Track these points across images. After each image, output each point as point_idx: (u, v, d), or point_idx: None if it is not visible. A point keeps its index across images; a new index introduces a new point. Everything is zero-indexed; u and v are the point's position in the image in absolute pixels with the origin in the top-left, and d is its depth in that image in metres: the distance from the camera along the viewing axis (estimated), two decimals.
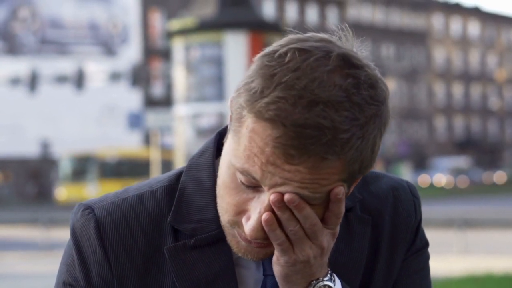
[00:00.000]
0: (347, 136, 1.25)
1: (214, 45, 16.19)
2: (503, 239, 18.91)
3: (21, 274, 14.91)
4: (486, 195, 45.68)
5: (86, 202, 1.49)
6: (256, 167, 1.28)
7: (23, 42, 54.98)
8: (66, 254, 1.48)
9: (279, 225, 1.31)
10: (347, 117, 1.25)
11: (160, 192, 1.48)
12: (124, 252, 1.43)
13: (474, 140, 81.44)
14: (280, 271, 1.35)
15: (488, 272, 12.37)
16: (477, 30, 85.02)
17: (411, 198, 1.56)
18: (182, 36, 16.61)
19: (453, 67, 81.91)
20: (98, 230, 1.44)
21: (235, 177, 1.33)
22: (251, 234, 1.32)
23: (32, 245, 20.76)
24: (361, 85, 1.27)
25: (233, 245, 1.39)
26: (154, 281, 1.44)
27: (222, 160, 1.38)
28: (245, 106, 1.29)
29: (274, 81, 1.27)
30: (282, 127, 1.25)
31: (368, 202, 1.47)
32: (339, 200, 1.31)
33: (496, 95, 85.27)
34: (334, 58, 1.28)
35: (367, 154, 1.29)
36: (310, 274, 1.35)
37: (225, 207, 1.37)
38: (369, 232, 1.49)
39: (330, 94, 1.25)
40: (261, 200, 1.31)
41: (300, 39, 1.32)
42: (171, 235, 1.44)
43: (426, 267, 1.57)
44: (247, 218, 1.33)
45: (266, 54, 1.32)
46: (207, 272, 1.42)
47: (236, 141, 1.31)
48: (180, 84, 16.85)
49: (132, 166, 41.86)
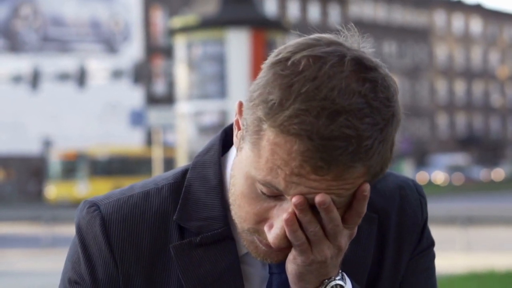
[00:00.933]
0: (370, 142, 1.26)
1: (216, 42, 16.20)
2: (505, 236, 18.91)
3: (22, 272, 14.92)
4: (481, 193, 45.57)
5: (92, 199, 1.49)
6: (279, 178, 1.28)
7: (24, 39, 54.99)
8: (72, 251, 1.48)
9: (300, 227, 1.31)
10: (369, 123, 1.26)
11: (166, 190, 1.47)
12: (130, 250, 1.43)
13: (476, 137, 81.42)
14: (295, 269, 1.35)
15: (490, 270, 12.37)
16: (479, 27, 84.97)
17: (418, 197, 1.56)
18: (184, 34, 16.62)
19: (455, 64, 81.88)
20: (104, 227, 1.44)
21: (254, 187, 1.33)
22: (275, 242, 1.32)
23: (34, 242, 20.78)
24: (377, 89, 1.28)
25: (251, 250, 1.39)
26: (160, 278, 1.43)
27: (237, 169, 1.37)
28: (264, 120, 1.28)
29: (292, 92, 1.26)
30: (308, 140, 1.24)
31: (375, 201, 1.47)
32: (365, 197, 1.31)
33: (498, 92, 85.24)
34: (348, 63, 1.28)
35: (387, 155, 1.31)
36: (324, 274, 1.36)
37: (244, 216, 1.36)
38: (375, 231, 1.49)
39: (350, 102, 1.25)
40: (283, 208, 1.31)
41: (310, 45, 1.31)
42: (176, 233, 1.44)
43: (432, 266, 1.57)
44: (270, 227, 1.33)
45: (277, 62, 1.30)
46: (213, 270, 1.42)
47: (256, 154, 1.30)
48: (182, 82, 16.86)
49: (123, 164, 41.30)
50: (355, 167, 1.26)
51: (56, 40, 55.73)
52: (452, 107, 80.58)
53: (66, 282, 1.47)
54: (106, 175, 40.14)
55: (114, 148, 43.19)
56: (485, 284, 10.99)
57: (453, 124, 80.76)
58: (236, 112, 1.40)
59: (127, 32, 57.99)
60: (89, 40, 56.87)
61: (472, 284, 10.88)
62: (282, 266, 1.41)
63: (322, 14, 68.69)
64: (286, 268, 1.37)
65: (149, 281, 1.43)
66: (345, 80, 1.26)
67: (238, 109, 1.38)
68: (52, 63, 49.86)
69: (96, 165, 40.80)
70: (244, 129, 1.33)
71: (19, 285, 13.06)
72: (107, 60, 54.18)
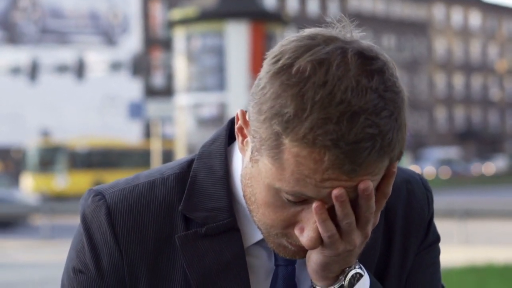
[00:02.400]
0: (391, 134, 1.27)
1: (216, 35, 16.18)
2: (504, 230, 18.93)
3: (22, 264, 14.92)
4: (467, 187, 45.28)
5: (97, 188, 1.48)
6: (310, 186, 1.27)
7: (23, 31, 54.92)
8: (76, 240, 1.47)
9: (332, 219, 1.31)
10: (386, 116, 1.26)
11: (172, 180, 1.47)
12: (135, 240, 1.43)
13: (475, 131, 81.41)
14: (320, 259, 1.35)
15: (488, 263, 12.39)
16: (478, 20, 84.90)
17: (424, 191, 1.56)
18: (184, 26, 16.60)
19: (454, 58, 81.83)
20: (109, 217, 1.43)
21: (279, 196, 1.32)
22: (310, 244, 1.32)
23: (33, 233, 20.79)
24: (385, 78, 1.28)
25: (279, 251, 1.38)
26: (165, 269, 1.43)
27: (255, 181, 1.35)
28: (283, 134, 1.26)
29: (306, 101, 1.25)
30: (336, 149, 1.24)
31: None
32: (393, 174, 1.32)
33: (497, 86, 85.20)
34: (352, 59, 1.27)
35: (404, 138, 1.32)
36: (348, 262, 1.36)
37: (271, 223, 1.35)
38: (382, 224, 1.49)
39: (366, 100, 1.25)
40: (311, 211, 1.31)
41: (308, 46, 1.29)
42: (182, 223, 1.43)
43: (437, 261, 1.57)
44: (301, 230, 1.33)
45: (280, 72, 1.28)
46: (218, 261, 1.41)
47: (279, 167, 1.28)
48: (181, 74, 16.85)
49: (104, 157, 39.95)
50: (383, 161, 1.28)
51: (55, 32, 55.67)
52: (450, 101, 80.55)
53: (70, 271, 1.47)
54: (86, 168, 38.73)
55: (94, 140, 41.71)
56: (483, 277, 11.01)
57: (451, 117, 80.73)
58: (237, 119, 1.38)
59: (126, 24, 57.92)
60: (88, 32, 56.80)
61: (470, 277, 10.89)
62: (289, 258, 1.41)
63: (321, 7, 68.59)
64: (308, 256, 1.37)
65: (153, 271, 1.43)
66: (354, 78, 1.26)
67: (241, 117, 1.37)
68: (51, 55, 49.80)
69: (76, 158, 39.31)
70: (257, 142, 1.31)
71: (19, 277, 13.05)
72: (105, 52, 54.13)
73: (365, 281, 1.39)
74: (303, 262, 1.43)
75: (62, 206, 21.75)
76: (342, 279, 1.37)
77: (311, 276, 1.39)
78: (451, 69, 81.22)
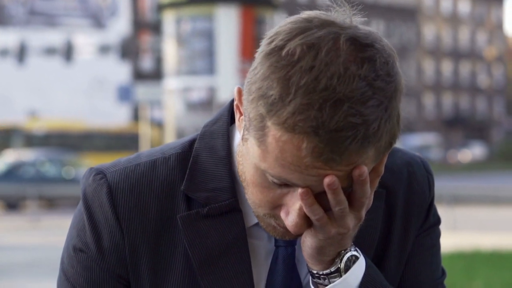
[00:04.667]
0: (377, 124, 1.24)
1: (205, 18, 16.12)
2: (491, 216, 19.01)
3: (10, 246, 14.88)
4: (444, 174, 45.11)
5: (98, 166, 1.47)
6: (295, 174, 1.26)
7: (11, 13, 54.59)
8: (77, 218, 1.47)
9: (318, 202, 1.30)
10: (373, 105, 1.24)
11: (173, 159, 1.46)
12: (137, 219, 1.42)
13: (463, 117, 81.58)
14: (315, 243, 1.34)
15: (475, 249, 12.44)
16: (467, 7, 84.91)
17: (425, 174, 1.56)
18: (173, 9, 16.54)
19: (443, 44, 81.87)
20: (110, 196, 1.43)
21: (265, 177, 1.31)
22: (294, 229, 1.31)
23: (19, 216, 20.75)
24: (377, 67, 1.25)
25: (269, 231, 1.38)
26: (166, 249, 1.43)
27: (244, 159, 1.35)
28: (267, 117, 1.25)
29: (291, 85, 1.23)
30: (315, 137, 1.22)
31: (383, 177, 1.44)
32: (383, 164, 1.32)
33: (485, 73, 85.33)
34: (343, 45, 1.25)
35: (395, 129, 1.29)
36: (343, 245, 1.36)
37: (259, 203, 1.35)
38: (382, 207, 1.49)
39: (352, 88, 1.23)
40: (296, 194, 1.30)
41: (302, 29, 1.27)
42: (184, 203, 1.43)
43: (437, 244, 1.57)
44: (286, 213, 1.32)
45: (271, 53, 1.27)
46: (220, 241, 1.41)
47: (264, 150, 1.28)
48: (171, 57, 16.80)
49: (63, 139, 37.87)
50: (366, 152, 1.25)
51: (43, 14, 55.36)
52: (439, 87, 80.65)
53: (70, 250, 1.46)
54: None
55: (52, 122, 39.71)
56: (471, 263, 11.06)
57: (439, 104, 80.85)
58: (235, 97, 1.38)
59: (114, 7, 57.65)
60: (76, 14, 56.50)
61: (457, 263, 10.93)
62: (289, 240, 1.41)
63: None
64: (303, 241, 1.36)
65: (154, 251, 1.42)
66: (343, 65, 1.23)
67: (237, 95, 1.36)
68: (39, 37, 49.58)
69: (32, 140, 37.25)
70: (247, 121, 1.31)
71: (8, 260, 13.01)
72: (94, 35, 53.89)
73: (361, 264, 1.39)
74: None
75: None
76: (338, 262, 1.37)
77: (307, 261, 1.38)
78: (440, 56, 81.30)
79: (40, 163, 25.85)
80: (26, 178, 24.41)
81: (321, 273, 1.38)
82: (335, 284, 1.37)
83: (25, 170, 25.26)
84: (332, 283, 1.38)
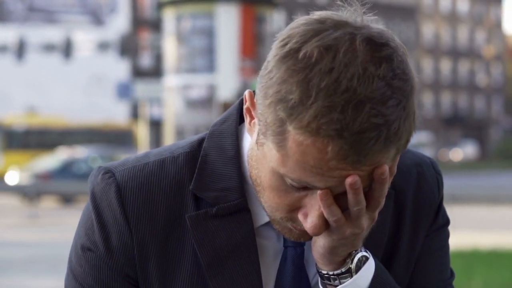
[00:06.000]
0: (397, 123, 1.25)
1: (206, 16, 16.12)
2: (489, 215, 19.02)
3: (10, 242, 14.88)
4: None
5: (106, 165, 1.47)
6: (317, 177, 1.26)
7: (10, 9, 54.56)
8: (85, 217, 1.46)
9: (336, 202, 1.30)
10: (392, 105, 1.24)
11: (182, 158, 1.46)
12: (145, 218, 1.42)
13: (461, 116, 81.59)
14: (328, 243, 1.34)
15: (474, 248, 12.45)
16: (466, 6, 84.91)
17: (435, 174, 1.56)
18: (174, 7, 16.54)
19: (442, 43, 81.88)
20: (119, 195, 1.42)
21: (283, 180, 1.31)
22: (314, 231, 1.31)
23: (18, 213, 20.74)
24: (394, 65, 1.26)
25: (285, 233, 1.38)
26: (174, 248, 1.42)
27: (260, 164, 1.35)
28: (287, 121, 1.25)
29: (311, 88, 1.23)
30: (339, 139, 1.22)
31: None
32: (396, 164, 1.32)
33: (483, 72, 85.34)
34: (360, 46, 1.25)
35: (412, 126, 1.29)
36: (355, 245, 1.36)
37: (276, 206, 1.34)
38: (391, 207, 1.48)
39: (372, 88, 1.23)
40: (315, 197, 1.30)
41: (317, 31, 1.27)
42: (192, 203, 1.42)
43: (446, 244, 1.58)
44: (305, 215, 1.32)
45: (287, 56, 1.26)
46: (229, 242, 1.41)
47: (284, 154, 1.27)
48: (171, 55, 16.79)
49: (43, 136, 37.76)
50: (389, 151, 1.26)
51: (42, 10, 55.32)
52: (437, 86, 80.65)
53: (78, 249, 1.46)
54: (23, 148, 36.63)
55: (32, 119, 39.35)
56: (469, 262, 11.07)
57: (438, 102, 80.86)
58: (245, 100, 1.37)
59: (113, 4, 57.62)
60: (76, 11, 56.48)
61: (456, 262, 10.92)
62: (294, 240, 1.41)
63: None
64: (315, 241, 1.37)
65: (163, 251, 1.42)
66: (361, 66, 1.23)
67: (249, 99, 1.35)
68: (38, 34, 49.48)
69: (12, 137, 37.04)
70: (262, 125, 1.30)
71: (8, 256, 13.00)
72: (93, 32, 53.83)
73: (371, 264, 1.39)
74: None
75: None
76: (349, 262, 1.37)
77: (317, 261, 1.38)
78: (439, 54, 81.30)
79: (92, 159, 26.71)
80: (79, 174, 25.32)
81: (332, 273, 1.38)
82: (345, 284, 1.37)
83: (78, 167, 26.16)
84: (342, 283, 1.38)
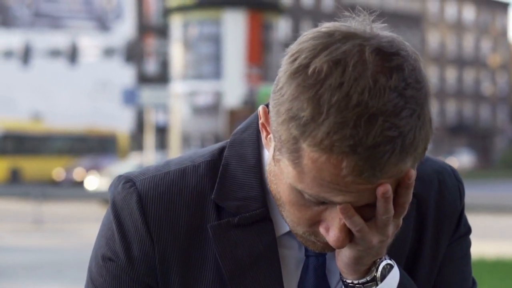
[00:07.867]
0: (412, 134, 1.23)
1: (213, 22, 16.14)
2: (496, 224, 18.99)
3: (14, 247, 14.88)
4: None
5: (127, 174, 1.46)
6: (334, 192, 1.25)
7: (16, 14, 54.69)
8: (105, 227, 1.45)
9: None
10: (406, 116, 1.22)
11: (203, 167, 1.44)
12: (167, 228, 1.40)
13: (466, 125, 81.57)
14: (354, 253, 1.33)
15: (480, 257, 12.42)
16: (472, 14, 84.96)
17: (456, 183, 1.55)
18: (181, 13, 16.57)
19: (447, 52, 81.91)
20: (140, 204, 1.41)
21: (301, 195, 1.29)
22: (337, 245, 1.30)
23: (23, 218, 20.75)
24: (405, 75, 1.24)
25: (308, 245, 1.37)
26: (196, 258, 1.41)
27: (278, 179, 1.33)
28: (300, 139, 1.23)
29: (322, 104, 1.21)
30: (354, 155, 1.21)
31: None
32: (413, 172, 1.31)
33: (489, 81, 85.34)
34: (369, 57, 1.23)
35: (428, 133, 1.28)
36: (379, 254, 1.35)
37: (297, 221, 1.33)
38: (413, 215, 1.47)
39: (384, 101, 1.21)
40: (336, 210, 1.29)
41: (325, 44, 1.25)
42: (214, 212, 1.41)
43: (468, 253, 1.56)
44: (326, 229, 1.31)
45: (297, 72, 1.25)
46: (251, 252, 1.40)
47: (299, 171, 1.26)
48: (177, 61, 16.82)
49: (20, 142, 36.99)
50: (406, 162, 1.24)
51: (48, 16, 55.45)
52: (442, 95, 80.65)
53: (99, 259, 1.44)
54: (0, 155, 35.66)
55: (10, 125, 38.41)
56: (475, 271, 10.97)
57: (443, 111, 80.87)
58: (260, 116, 1.35)
59: (119, 10, 57.74)
60: (81, 17, 56.60)
61: None
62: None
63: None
64: (340, 252, 1.35)
65: (185, 261, 1.41)
66: (371, 78, 1.21)
67: (263, 115, 1.34)
68: (44, 39, 49.60)
69: None
70: (277, 142, 1.29)
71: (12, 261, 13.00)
72: (99, 37, 53.95)
73: (395, 272, 1.38)
74: (334, 253, 1.41)
75: None
76: (374, 271, 1.36)
77: (342, 270, 1.37)
78: (444, 63, 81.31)
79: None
80: None
81: (356, 282, 1.37)
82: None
83: None
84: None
